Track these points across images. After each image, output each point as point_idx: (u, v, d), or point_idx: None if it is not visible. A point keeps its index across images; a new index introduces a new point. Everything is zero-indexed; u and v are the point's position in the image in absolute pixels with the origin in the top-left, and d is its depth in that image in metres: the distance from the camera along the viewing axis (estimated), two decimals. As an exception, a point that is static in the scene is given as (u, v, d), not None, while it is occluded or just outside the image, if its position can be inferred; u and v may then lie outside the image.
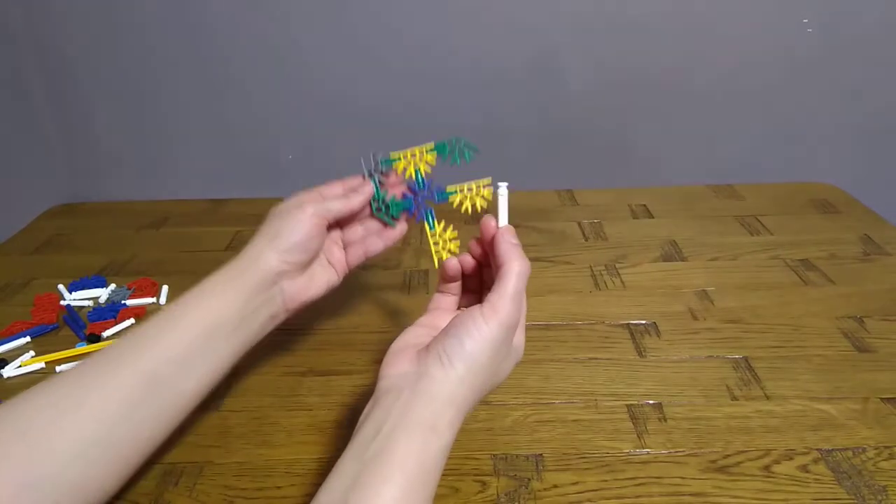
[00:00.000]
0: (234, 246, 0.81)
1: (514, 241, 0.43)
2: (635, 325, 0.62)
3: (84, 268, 0.76)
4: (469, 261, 0.47)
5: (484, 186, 0.52)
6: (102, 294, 0.70)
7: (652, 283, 0.69)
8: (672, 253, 0.75)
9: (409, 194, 0.54)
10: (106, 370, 0.41)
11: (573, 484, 0.45)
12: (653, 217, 0.84)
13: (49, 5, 0.83)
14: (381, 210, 0.54)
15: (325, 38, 0.85)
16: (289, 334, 0.62)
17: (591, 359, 0.58)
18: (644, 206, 0.87)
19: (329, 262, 0.54)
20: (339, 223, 0.54)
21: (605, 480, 0.45)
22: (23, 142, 0.89)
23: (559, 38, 0.85)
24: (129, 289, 0.71)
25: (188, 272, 0.74)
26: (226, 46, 0.86)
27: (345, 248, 0.55)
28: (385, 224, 0.55)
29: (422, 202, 0.54)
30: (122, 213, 0.91)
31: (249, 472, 0.47)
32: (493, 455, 0.48)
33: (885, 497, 0.43)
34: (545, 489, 0.45)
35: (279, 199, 0.95)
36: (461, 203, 0.53)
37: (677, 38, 0.84)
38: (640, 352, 0.58)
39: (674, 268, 0.72)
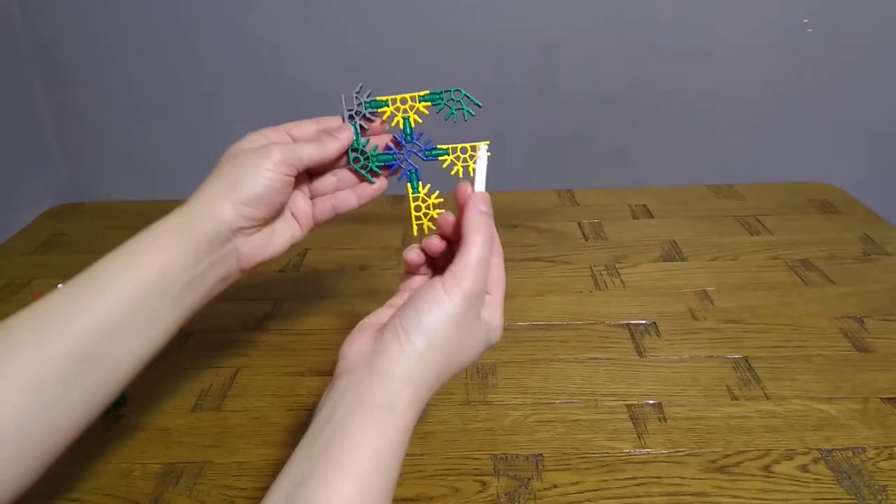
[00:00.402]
0: (234, 246, 0.80)
1: (485, 208, 0.39)
2: (635, 325, 0.62)
3: (84, 268, 0.75)
4: (436, 245, 0.42)
5: (480, 149, 0.46)
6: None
7: (652, 283, 0.69)
8: (672, 253, 0.75)
9: (394, 147, 0.47)
10: (26, 346, 0.34)
11: (573, 484, 0.45)
12: (653, 217, 0.84)
13: (49, 5, 0.83)
14: (358, 161, 0.47)
15: (323, 39, 0.85)
16: (289, 334, 0.62)
17: (591, 359, 0.58)
18: (644, 206, 0.87)
19: (293, 215, 0.47)
20: (309, 170, 0.46)
21: (605, 480, 0.45)
22: (23, 142, 0.89)
23: (560, 39, 0.85)
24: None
25: (188, 272, 0.74)
26: (226, 47, 0.86)
27: (312, 199, 0.48)
28: (362, 178, 0.48)
29: (407, 158, 0.47)
30: (122, 213, 0.91)
31: (249, 472, 0.47)
32: (493, 455, 0.48)
33: (885, 497, 0.43)
34: (545, 489, 0.45)
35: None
36: (452, 165, 0.47)
37: (677, 38, 0.84)
38: (640, 352, 0.58)
39: (674, 268, 0.72)
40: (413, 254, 0.42)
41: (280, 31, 0.85)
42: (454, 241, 0.41)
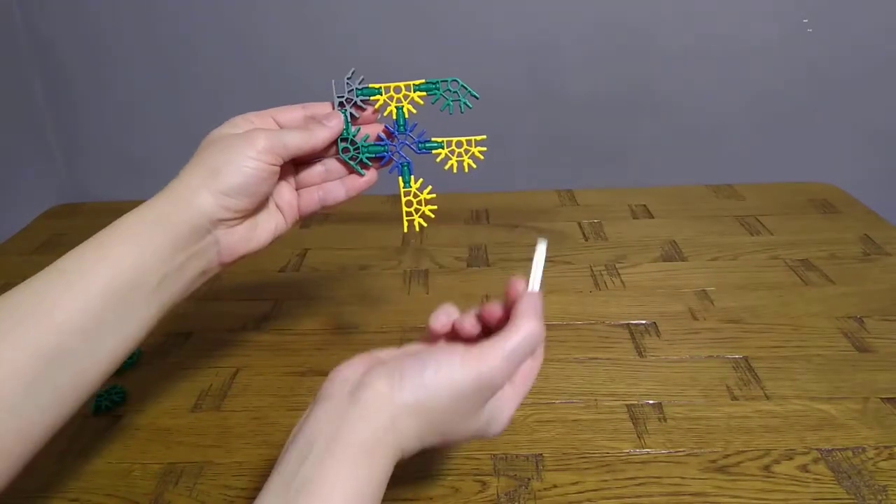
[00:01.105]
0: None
1: (538, 304, 0.36)
2: (635, 325, 0.62)
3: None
4: (468, 329, 0.38)
5: (477, 142, 0.45)
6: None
7: (652, 283, 0.69)
8: (672, 253, 0.75)
9: (386, 138, 0.45)
10: None
11: (573, 484, 0.45)
12: (653, 217, 0.84)
13: (49, 6, 0.83)
14: (348, 151, 0.44)
15: (323, 40, 0.85)
16: (289, 334, 0.62)
17: (591, 359, 0.58)
18: (644, 206, 0.87)
19: (277, 206, 0.44)
20: (295, 159, 0.43)
21: (605, 480, 0.45)
22: (23, 142, 0.89)
23: (560, 39, 0.85)
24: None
25: (188, 272, 0.74)
26: (226, 47, 0.86)
27: (298, 189, 0.45)
28: (351, 169, 0.45)
29: (399, 150, 0.45)
30: (122, 213, 0.90)
31: (249, 472, 0.47)
32: (493, 455, 0.47)
33: (885, 497, 0.43)
34: (545, 489, 0.45)
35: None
36: (446, 159, 0.45)
37: (677, 37, 0.84)
38: (640, 352, 0.58)
39: (674, 268, 0.72)
40: (439, 324, 0.38)
41: (280, 31, 0.85)
42: (492, 328, 0.38)
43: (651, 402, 0.52)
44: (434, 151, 0.45)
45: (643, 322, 0.62)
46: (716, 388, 0.54)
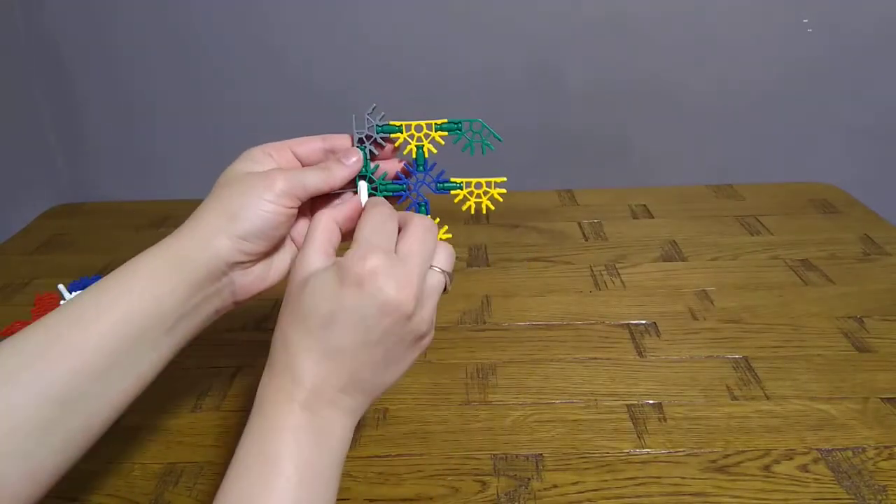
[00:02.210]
0: (234, 246, 0.80)
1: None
2: (635, 325, 0.62)
3: (84, 268, 0.76)
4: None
5: (496, 184, 0.44)
6: (102, 294, 0.69)
7: (652, 283, 0.69)
8: (672, 253, 0.75)
9: (404, 176, 0.44)
10: (11, 388, 0.31)
11: (573, 484, 0.45)
12: (653, 217, 0.84)
13: (49, 5, 0.83)
14: (365, 183, 0.44)
15: (324, 39, 0.85)
16: (289, 334, 0.62)
17: (591, 359, 0.58)
18: (644, 206, 0.87)
19: (293, 240, 0.43)
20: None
21: (605, 480, 0.45)
22: (23, 142, 0.89)
23: (559, 39, 0.85)
24: (129, 289, 0.70)
25: (188, 272, 0.74)
26: (225, 47, 0.86)
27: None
28: None
29: (417, 189, 0.44)
30: (122, 213, 0.91)
31: (249, 472, 0.47)
32: (493, 455, 0.47)
33: (885, 497, 0.43)
34: (545, 489, 0.45)
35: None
36: (464, 200, 0.45)
37: (677, 38, 0.84)
38: (640, 352, 0.58)
39: (674, 268, 0.72)
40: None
41: (281, 27, 0.85)
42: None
43: (651, 402, 0.52)
44: (452, 192, 0.45)
45: (643, 322, 0.62)
46: (716, 388, 0.54)
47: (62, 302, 0.68)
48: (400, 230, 0.36)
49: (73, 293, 0.70)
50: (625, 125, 0.90)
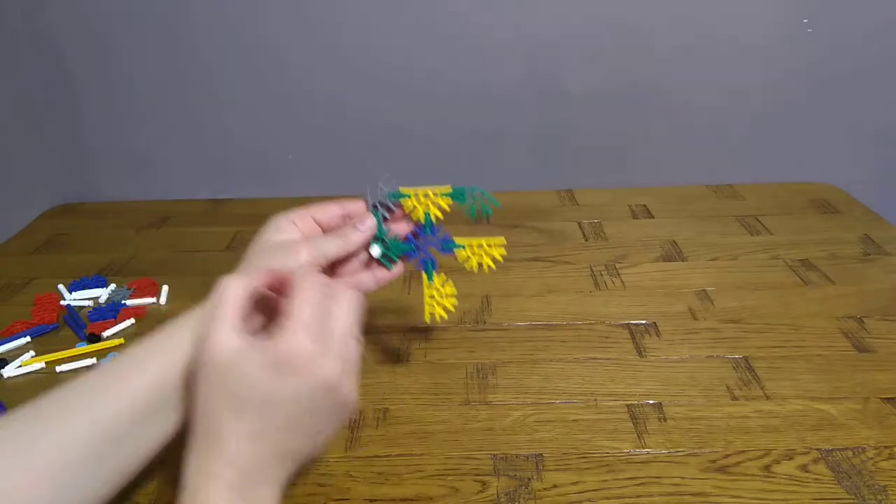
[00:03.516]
0: (234, 246, 0.80)
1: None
2: (635, 325, 0.62)
3: (84, 268, 0.76)
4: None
5: (496, 245, 0.49)
6: (102, 294, 0.69)
7: (652, 283, 0.69)
8: (672, 253, 0.75)
9: (413, 238, 0.49)
10: (58, 421, 0.34)
11: (573, 484, 0.45)
12: (653, 217, 0.84)
13: (49, 5, 0.83)
14: (378, 245, 0.49)
15: (325, 39, 0.85)
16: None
17: (591, 359, 0.58)
18: (644, 206, 0.87)
19: None
20: None
21: (605, 480, 0.45)
22: (23, 142, 0.89)
23: (560, 39, 0.85)
24: (129, 289, 0.71)
25: (188, 272, 0.74)
26: (226, 46, 0.86)
27: (331, 277, 0.49)
28: (380, 263, 0.49)
29: (425, 249, 0.49)
30: (122, 213, 0.91)
31: (249, 472, 0.47)
32: (493, 455, 0.48)
33: (885, 497, 0.43)
34: (545, 489, 0.45)
35: (279, 200, 0.95)
36: (468, 259, 0.49)
37: (678, 37, 0.84)
38: (640, 352, 0.58)
39: (674, 268, 0.72)
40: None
41: (281, 32, 0.85)
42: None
43: (651, 402, 0.52)
44: (456, 251, 0.49)
45: (643, 322, 0.62)
46: (716, 388, 0.54)
47: (62, 302, 0.68)
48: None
49: (73, 293, 0.70)
50: (625, 125, 0.90)
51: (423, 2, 0.83)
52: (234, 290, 0.35)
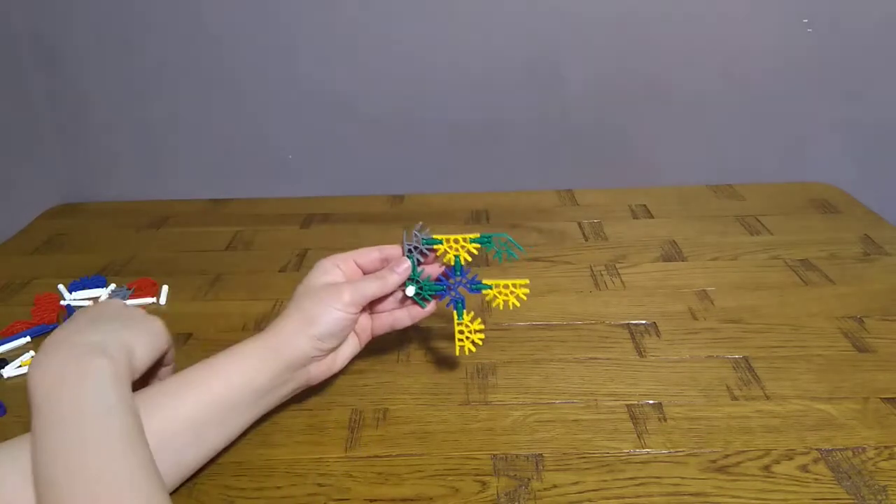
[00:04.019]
0: (234, 246, 0.81)
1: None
2: (635, 325, 0.62)
3: (84, 268, 0.76)
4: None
5: (521, 286, 0.52)
6: (102, 294, 0.70)
7: (652, 283, 0.69)
8: (672, 253, 0.75)
9: (444, 279, 0.53)
10: (157, 411, 0.42)
11: (573, 484, 0.45)
12: (653, 217, 0.84)
13: (49, 5, 0.83)
14: (412, 289, 0.53)
15: (325, 38, 0.85)
16: (289, 334, 0.62)
17: (591, 359, 0.58)
18: (644, 206, 0.87)
19: (355, 332, 0.53)
20: None
21: (605, 480, 0.45)
22: (23, 142, 0.89)
23: (559, 38, 0.85)
24: (129, 289, 0.71)
25: (188, 272, 0.74)
26: (225, 46, 0.86)
27: (370, 313, 0.54)
28: (415, 302, 0.53)
29: (455, 289, 0.53)
30: (122, 213, 0.91)
31: (249, 472, 0.47)
32: (493, 455, 0.48)
33: (885, 497, 0.43)
34: (545, 489, 0.45)
35: (279, 200, 0.95)
36: (494, 298, 0.53)
37: (677, 37, 0.84)
38: (640, 352, 0.58)
39: (674, 268, 0.72)
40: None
41: (281, 29, 0.85)
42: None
43: (651, 402, 0.52)
44: (484, 292, 0.53)
45: (643, 322, 0.62)
46: (716, 388, 0.54)
47: (62, 302, 0.68)
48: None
49: (73, 293, 0.70)
50: (625, 125, 0.90)
51: (424, 3, 0.83)
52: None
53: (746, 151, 0.92)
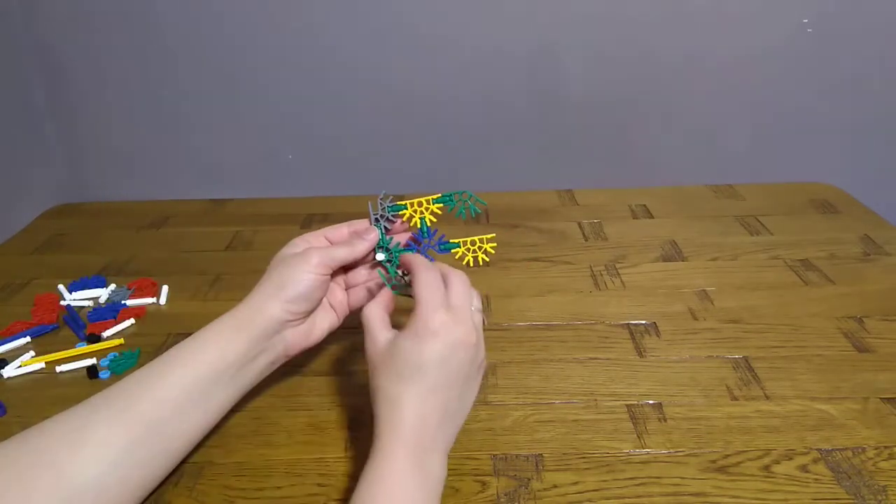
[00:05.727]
0: (234, 246, 0.80)
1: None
2: (635, 325, 0.62)
3: (84, 268, 0.76)
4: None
5: (488, 240, 0.54)
6: (102, 294, 0.70)
7: (652, 283, 0.69)
8: (672, 253, 0.75)
9: (413, 243, 0.54)
10: (110, 410, 0.42)
11: (573, 484, 0.45)
12: (653, 217, 0.84)
13: (49, 5, 0.83)
14: (382, 252, 0.53)
15: (324, 37, 0.85)
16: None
17: (591, 359, 0.58)
18: (644, 206, 0.87)
19: (331, 305, 0.53)
20: (343, 266, 0.53)
21: (605, 480, 0.45)
22: (23, 142, 0.89)
23: (559, 38, 0.85)
24: (129, 289, 0.71)
25: (188, 272, 0.74)
26: (226, 46, 0.86)
27: (347, 289, 0.55)
28: (385, 269, 0.54)
29: (425, 252, 0.53)
30: (122, 213, 0.91)
31: (249, 472, 0.47)
32: (493, 455, 0.48)
33: (884, 497, 0.43)
34: (545, 489, 0.45)
35: (279, 200, 0.95)
36: (463, 256, 0.54)
37: (677, 37, 0.84)
38: (640, 352, 0.58)
39: (674, 268, 0.72)
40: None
41: (280, 34, 0.85)
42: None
43: (651, 402, 0.52)
44: (453, 251, 0.54)
45: (643, 322, 0.62)
46: (716, 388, 0.54)
47: (62, 302, 0.68)
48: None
49: (73, 293, 0.70)
50: (625, 125, 0.90)
51: (424, 3, 0.83)
52: (373, 309, 0.46)
53: (746, 151, 0.92)
